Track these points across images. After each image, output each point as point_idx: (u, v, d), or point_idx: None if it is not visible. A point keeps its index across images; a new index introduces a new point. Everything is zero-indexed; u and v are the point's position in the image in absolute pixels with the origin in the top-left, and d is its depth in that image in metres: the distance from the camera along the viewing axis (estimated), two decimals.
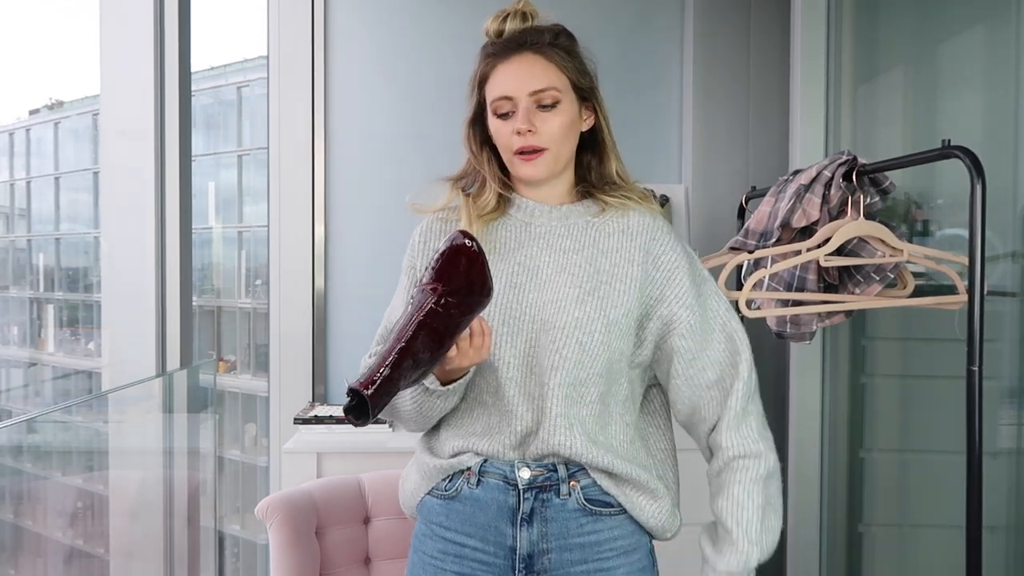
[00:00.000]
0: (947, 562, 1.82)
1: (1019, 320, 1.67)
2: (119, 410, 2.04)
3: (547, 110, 1.16)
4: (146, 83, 2.01)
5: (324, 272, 2.42)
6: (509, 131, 1.16)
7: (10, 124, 17.02)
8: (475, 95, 1.22)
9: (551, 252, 1.19)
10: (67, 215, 16.39)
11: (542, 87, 1.16)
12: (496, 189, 1.22)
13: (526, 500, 1.14)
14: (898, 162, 1.54)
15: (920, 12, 2.11)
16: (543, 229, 1.21)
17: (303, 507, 1.73)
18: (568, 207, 1.22)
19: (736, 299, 1.64)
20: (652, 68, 2.48)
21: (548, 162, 1.17)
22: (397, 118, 2.43)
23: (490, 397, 1.16)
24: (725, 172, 2.42)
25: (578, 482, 1.15)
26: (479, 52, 1.22)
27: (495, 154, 1.23)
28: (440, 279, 1.01)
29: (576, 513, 1.14)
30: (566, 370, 1.12)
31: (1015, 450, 1.69)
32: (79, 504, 2.10)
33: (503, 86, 1.17)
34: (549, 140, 1.16)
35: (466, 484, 1.17)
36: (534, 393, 1.14)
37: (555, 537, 1.14)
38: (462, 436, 1.18)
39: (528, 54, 1.17)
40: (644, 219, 1.21)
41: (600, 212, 1.22)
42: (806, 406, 2.20)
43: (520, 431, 1.14)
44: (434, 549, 1.18)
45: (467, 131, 1.24)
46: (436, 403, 1.14)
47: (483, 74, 1.20)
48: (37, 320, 16.14)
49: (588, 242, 1.19)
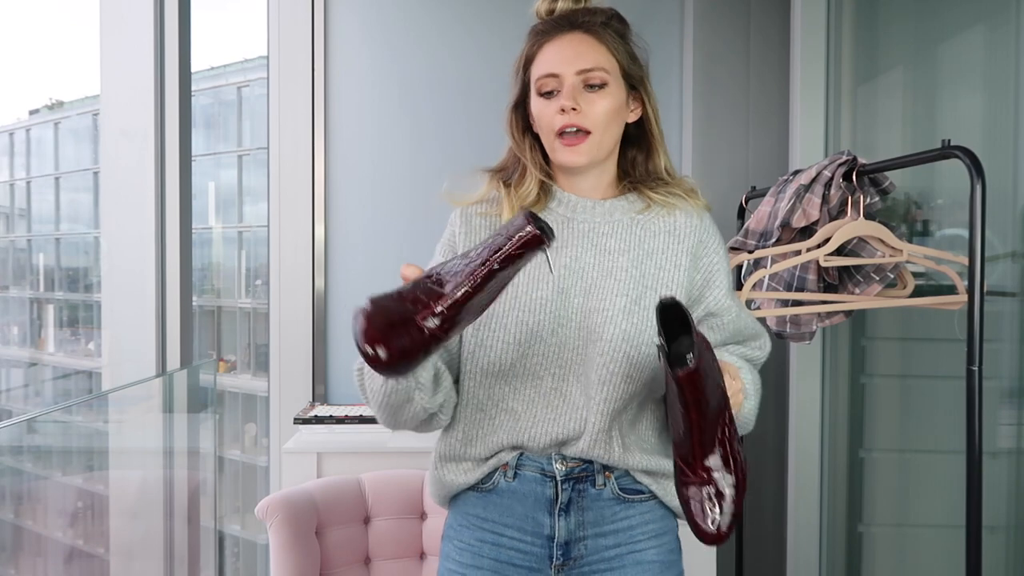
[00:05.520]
0: (947, 562, 1.82)
1: (1019, 320, 1.67)
2: (119, 410, 2.04)
3: (594, 91, 1.11)
4: (146, 83, 2.01)
5: (324, 272, 2.42)
6: (553, 110, 1.11)
7: (10, 124, 17.01)
8: (520, 77, 1.17)
9: (596, 252, 1.14)
10: (67, 215, 16.38)
11: (590, 66, 1.11)
12: (538, 177, 1.16)
13: (564, 491, 1.14)
14: (898, 162, 1.54)
15: (920, 12, 2.11)
16: (586, 226, 1.16)
17: (303, 507, 1.73)
18: (612, 202, 1.17)
19: None
20: (652, 68, 2.47)
21: (591, 148, 1.12)
22: (397, 118, 2.43)
23: (521, 405, 1.14)
24: (725, 172, 2.42)
25: (612, 473, 1.15)
26: (527, 33, 1.17)
27: (537, 142, 1.18)
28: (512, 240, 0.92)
29: (611, 501, 1.15)
30: (614, 385, 1.10)
31: (1015, 450, 1.69)
32: (79, 504, 2.10)
33: (550, 63, 1.12)
34: (594, 123, 1.11)
35: (503, 478, 1.16)
36: (578, 403, 1.12)
37: (591, 524, 1.14)
38: (491, 447, 1.16)
39: (578, 33, 1.13)
40: (691, 220, 1.17)
41: (645, 208, 1.17)
42: (806, 406, 2.20)
43: (559, 438, 1.13)
44: (472, 538, 1.18)
45: (510, 116, 1.19)
46: (402, 396, 1.08)
47: (530, 54, 1.15)
48: (37, 320, 16.13)
49: (634, 242, 1.15)
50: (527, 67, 1.15)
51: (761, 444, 2.36)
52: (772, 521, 2.38)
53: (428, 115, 2.41)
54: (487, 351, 1.12)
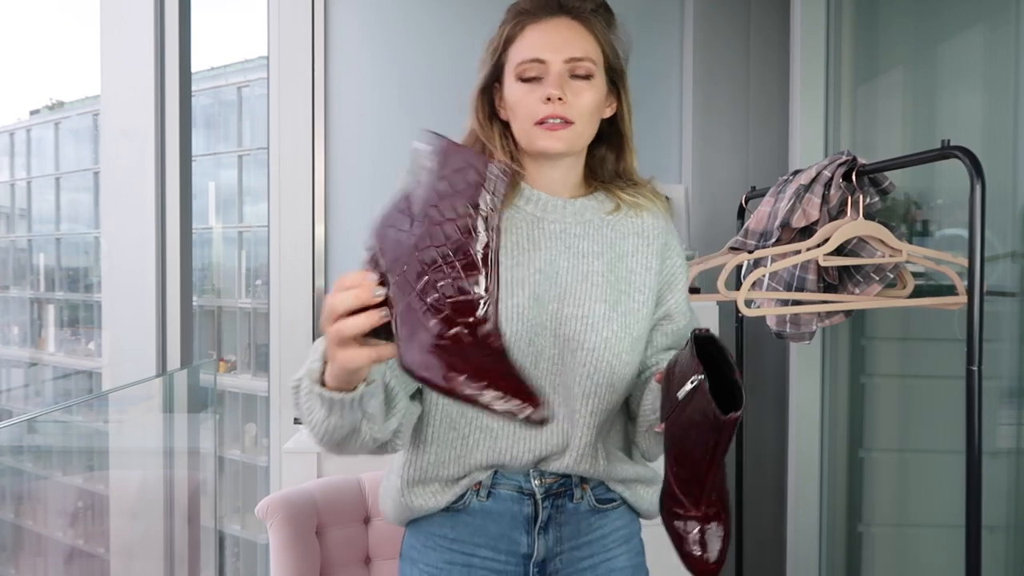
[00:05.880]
0: (947, 562, 1.82)
1: (1019, 320, 1.66)
2: (119, 410, 2.04)
3: (581, 81, 1.04)
4: (146, 83, 2.01)
5: (324, 272, 2.42)
6: (536, 98, 1.03)
7: (10, 124, 17.00)
8: (494, 58, 1.08)
9: (569, 255, 1.08)
10: (67, 215, 16.38)
11: (579, 55, 1.04)
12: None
13: (544, 509, 1.09)
14: (898, 162, 1.54)
15: (920, 12, 2.11)
16: (557, 227, 1.09)
17: (303, 507, 1.73)
18: (582, 201, 1.11)
19: (736, 299, 1.64)
20: (652, 68, 2.48)
21: (572, 136, 1.05)
22: (397, 118, 2.43)
23: (498, 422, 1.05)
24: (725, 172, 2.42)
25: (588, 484, 1.12)
26: (505, 13, 1.09)
27: (507, 129, 1.10)
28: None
29: (587, 514, 1.12)
30: (599, 396, 1.05)
31: (1015, 450, 1.69)
32: (79, 504, 2.10)
33: (536, 47, 1.04)
34: (579, 114, 1.04)
35: (475, 497, 1.08)
36: (557, 416, 1.06)
37: (568, 539, 1.11)
38: (465, 468, 1.07)
39: (566, 19, 1.06)
40: (658, 222, 1.14)
41: (615, 209, 1.12)
42: (806, 406, 2.20)
43: (540, 455, 1.07)
44: (439, 560, 1.10)
45: (477, 100, 1.11)
46: (346, 430, 0.91)
47: (510, 34, 1.06)
48: (37, 320, 16.12)
49: (606, 245, 1.10)
50: (506, 47, 1.07)
51: (761, 444, 2.36)
52: (772, 521, 2.38)
53: (428, 115, 2.41)
54: None
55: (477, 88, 1.11)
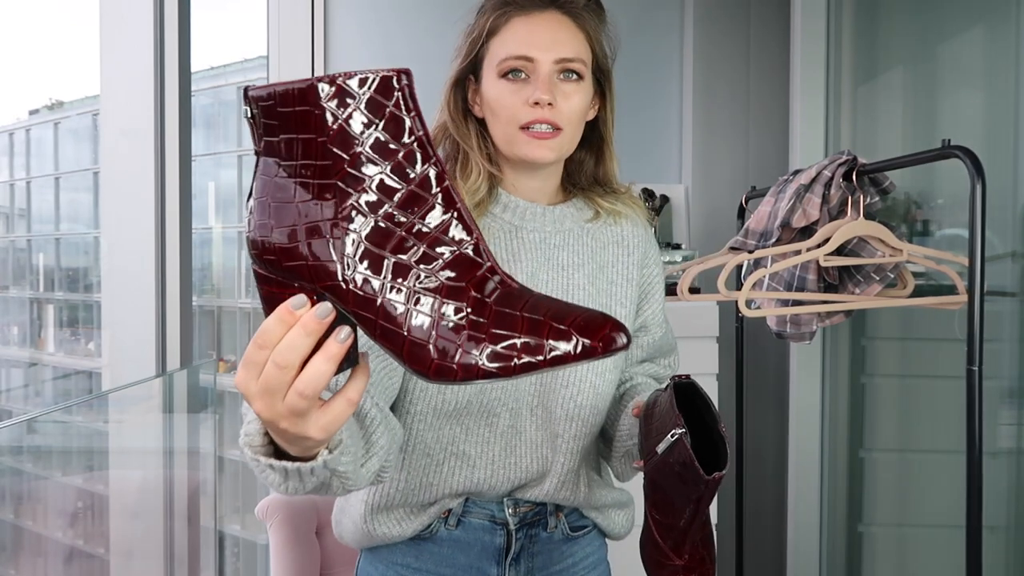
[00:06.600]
0: (947, 562, 1.82)
1: (1019, 320, 1.66)
2: (119, 410, 2.04)
3: (570, 83, 0.95)
4: (146, 83, 2.01)
5: None
6: (520, 99, 0.94)
7: (10, 124, 17.00)
8: (472, 51, 0.99)
9: (550, 268, 1.01)
10: (67, 215, 16.37)
11: (571, 56, 0.95)
12: (487, 170, 0.98)
13: (517, 540, 1.02)
14: (898, 162, 1.54)
15: (920, 12, 2.11)
16: (536, 236, 1.01)
17: (303, 507, 1.73)
18: (561, 208, 1.04)
19: (736, 299, 1.64)
20: (652, 68, 2.48)
21: (561, 145, 0.96)
22: None
23: (475, 448, 0.97)
24: (725, 172, 2.42)
25: (563, 512, 1.06)
26: (484, 2, 1.00)
27: (483, 128, 1.00)
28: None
29: (559, 542, 1.07)
30: (582, 419, 0.99)
31: (1015, 450, 1.69)
32: (79, 504, 2.10)
33: (524, 44, 0.94)
34: (568, 119, 0.95)
35: (443, 526, 1.01)
36: (536, 441, 0.99)
37: (539, 569, 1.05)
38: (436, 495, 0.99)
39: (556, 13, 0.96)
40: (637, 230, 1.08)
41: (594, 217, 1.06)
42: (806, 406, 2.20)
43: (519, 482, 1.01)
44: None
45: (449, 94, 1.00)
46: (315, 487, 0.69)
47: (493, 26, 0.97)
48: (37, 320, 16.11)
49: (587, 255, 1.04)
50: (487, 40, 0.98)
51: (761, 444, 2.36)
52: (772, 521, 2.38)
53: (427, 115, 2.41)
54: (441, 387, 0.92)
55: (451, 80, 1.01)
